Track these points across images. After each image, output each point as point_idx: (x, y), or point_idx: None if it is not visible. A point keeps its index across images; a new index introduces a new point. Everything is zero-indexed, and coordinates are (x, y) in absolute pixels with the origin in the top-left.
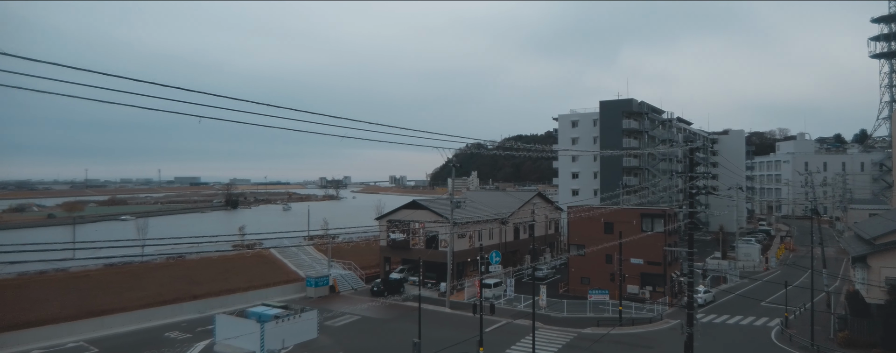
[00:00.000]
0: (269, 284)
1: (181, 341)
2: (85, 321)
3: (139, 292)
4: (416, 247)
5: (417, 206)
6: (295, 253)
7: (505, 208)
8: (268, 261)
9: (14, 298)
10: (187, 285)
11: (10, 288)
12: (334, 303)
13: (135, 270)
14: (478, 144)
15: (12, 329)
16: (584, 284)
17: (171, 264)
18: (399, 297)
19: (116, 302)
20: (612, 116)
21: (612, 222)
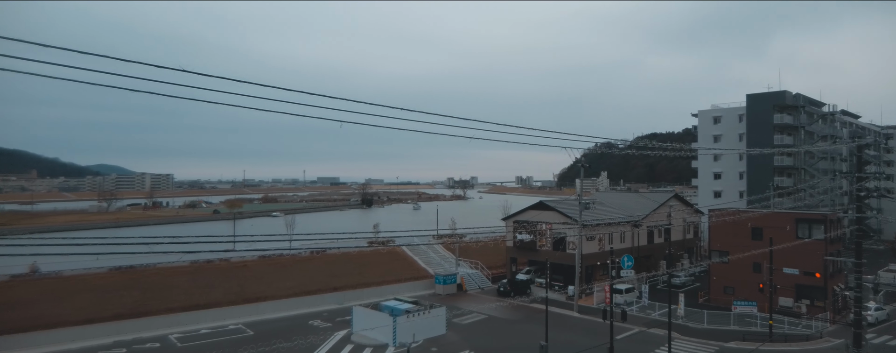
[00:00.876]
0: (401, 279)
1: (323, 329)
2: (242, 306)
3: (287, 283)
4: (543, 248)
5: (544, 207)
6: (424, 251)
7: (638, 210)
8: (399, 258)
9: (188, 283)
10: (328, 278)
11: (185, 274)
12: (461, 301)
13: (284, 262)
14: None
15: (187, 310)
16: (728, 294)
17: (314, 258)
18: (525, 298)
19: (268, 291)
20: (761, 110)
21: (762, 227)
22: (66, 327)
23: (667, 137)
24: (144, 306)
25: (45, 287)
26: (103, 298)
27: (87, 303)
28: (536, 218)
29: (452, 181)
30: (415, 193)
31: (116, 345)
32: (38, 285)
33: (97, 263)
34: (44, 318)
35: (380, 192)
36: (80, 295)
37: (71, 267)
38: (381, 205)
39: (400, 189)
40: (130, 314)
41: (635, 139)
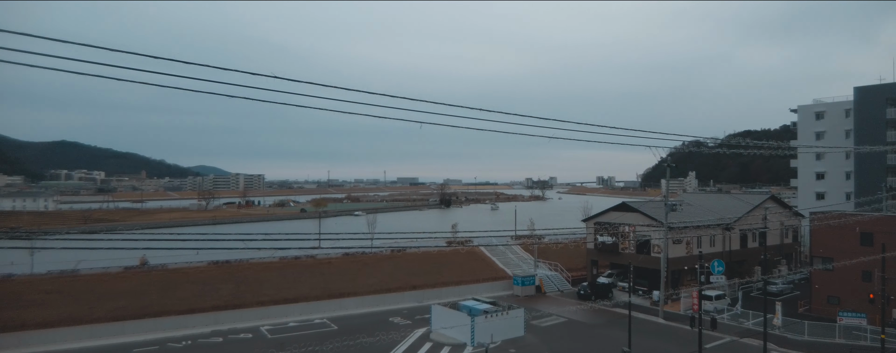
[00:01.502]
0: (479, 280)
1: (403, 326)
2: (327, 302)
3: (369, 280)
4: (626, 251)
5: (627, 208)
6: (502, 251)
7: (729, 212)
8: (477, 258)
9: (278, 278)
10: (408, 276)
11: (275, 269)
12: (540, 303)
13: (366, 259)
14: (696, 142)
15: (277, 304)
16: (832, 304)
17: (394, 257)
18: (607, 302)
19: (351, 287)
20: (873, 104)
21: (872, 233)
22: (170, 316)
23: (762, 134)
24: (239, 298)
25: (153, 279)
26: (203, 290)
27: (188, 294)
28: (619, 220)
29: (531, 182)
30: (493, 193)
31: (214, 334)
32: (146, 277)
33: (197, 257)
34: (152, 307)
35: (458, 192)
36: (182, 287)
37: (175, 261)
38: (459, 205)
39: (478, 189)
40: (226, 306)
41: (727, 137)
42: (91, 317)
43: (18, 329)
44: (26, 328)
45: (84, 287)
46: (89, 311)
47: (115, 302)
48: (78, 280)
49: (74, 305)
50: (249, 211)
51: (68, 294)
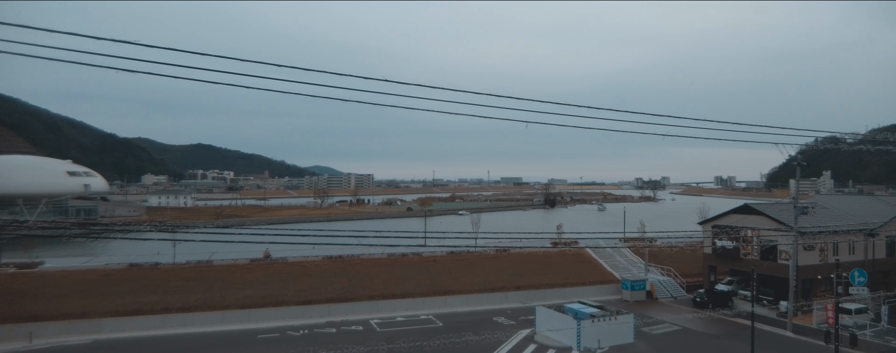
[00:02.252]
0: (585, 282)
1: (507, 326)
2: (432, 298)
3: (473, 279)
4: (749, 257)
5: (750, 210)
6: (610, 254)
7: (873, 216)
8: (584, 260)
9: (386, 274)
10: (512, 276)
11: (383, 265)
12: (651, 309)
13: (470, 258)
14: (832, 139)
15: (385, 298)
16: None
17: (498, 256)
18: (727, 311)
19: (455, 285)
20: None
21: None
22: (289, 306)
23: None
24: (350, 292)
25: (275, 271)
26: (318, 283)
27: (305, 286)
28: (740, 223)
29: (641, 182)
30: (599, 193)
31: (328, 325)
32: (269, 269)
33: (314, 252)
34: (273, 297)
35: (563, 192)
36: (300, 279)
37: (294, 254)
38: (564, 205)
39: (584, 189)
40: (339, 299)
41: (870, 132)
42: (223, 304)
43: (163, 312)
44: (170, 311)
45: (217, 276)
46: (221, 298)
47: (242, 291)
48: (212, 270)
49: (209, 292)
50: (360, 209)
51: (204, 282)
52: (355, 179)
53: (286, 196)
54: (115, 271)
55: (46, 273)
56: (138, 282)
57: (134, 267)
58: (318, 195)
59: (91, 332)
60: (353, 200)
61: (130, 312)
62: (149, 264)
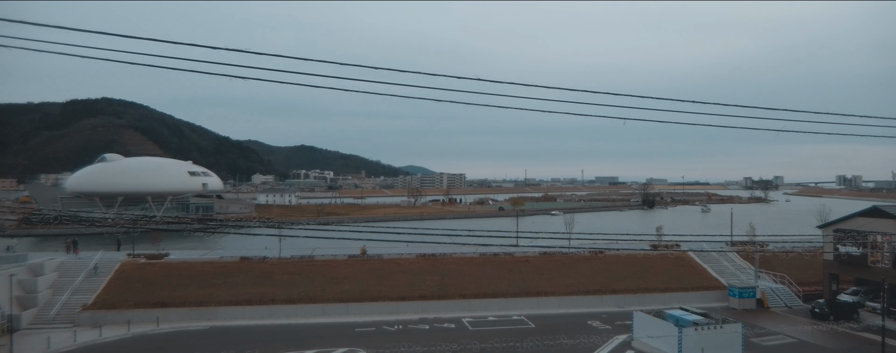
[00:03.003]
0: (687, 288)
1: (602, 331)
2: (524, 299)
3: (566, 280)
4: (878, 265)
5: (880, 213)
6: (715, 258)
7: None
8: (686, 264)
9: (478, 273)
10: (607, 279)
11: (475, 264)
12: (762, 319)
13: (563, 260)
14: None
15: (477, 297)
16: None
17: (592, 258)
18: (852, 325)
19: (548, 286)
20: None
21: None
22: (384, 301)
23: None
24: (443, 290)
25: (371, 267)
26: (412, 280)
27: (399, 283)
28: (868, 227)
29: (750, 181)
30: (703, 193)
31: (421, 322)
32: (366, 265)
33: (407, 249)
34: (370, 292)
35: (662, 192)
36: (394, 276)
37: (389, 252)
38: (663, 206)
39: (686, 189)
40: (432, 296)
41: None
42: (323, 297)
43: (270, 303)
44: (276, 302)
45: (318, 271)
46: (322, 292)
47: (341, 286)
48: (313, 265)
49: (310, 286)
50: (452, 208)
51: (306, 276)
52: (447, 178)
53: (381, 195)
54: (228, 264)
55: (171, 264)
56: (249, 274)
57: (245, 260)
58: (411, 194)
59: (208, 319)
60: (446, 199)
61: (242, 302)
62: (258, 258)
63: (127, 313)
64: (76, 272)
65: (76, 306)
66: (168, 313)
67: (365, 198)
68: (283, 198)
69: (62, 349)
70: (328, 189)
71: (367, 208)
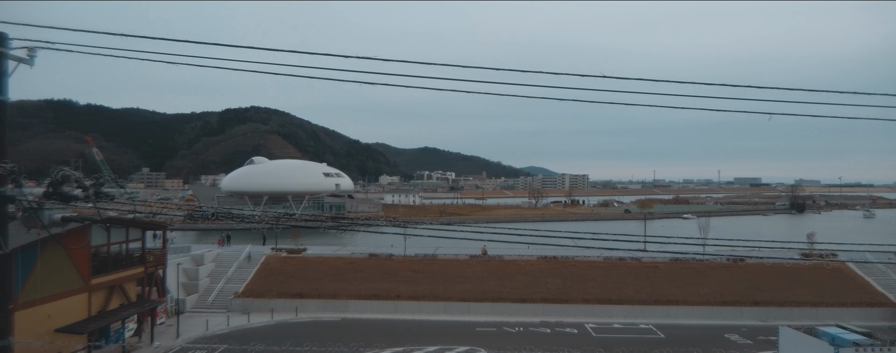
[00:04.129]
0: (845, 303)
1: (742, 345)
2: (652, 307)
3: (700, 289)
4: None
5: None
6: (882, 271)
7: None
8: (844, 276)
9: (602, 277)
10: (747, 290)
11: (598, 269)
12: None
13: (696, 267)
14: None
15: (601, 303)
16: None
17: (730, 266)
18: None
19: (679, 295)
20: None
21: None
22: (505, 302)
23: None
24: (564, 293)
25: (491, 268)
26: (533, 282)
27: (520, 285)
28: None
29: None
30: (866, 196)
31: (542, 325)
32: (486, 266)
33: (528, 251)
34: (490, 293)
35: (814, 194)
36: (515, 277)
37: (509, 253)
38: (815, 210)
39: (843, 191)
40: (553, 299)
41: None
42: (445, 295)
43: (396, 299)
44: (401, 298)
45: (440, 270)
46: (444, 290)
47: (462, 285)
48: (436, 264)
49: (433, 284)
50: (574, 210)
51: (429, 274)
52: (570, 179)
53: (502, 196)
54: (358, 260)
55: (308, 258)
56: (376, 270)
57: (373, 257)
58: (532, 195)
59: (340, 311)
60: (568, 200)
61: (370, 296)
62: (385, 255)
63: (271, 302)
64: (230, 263)
65: (229, 293)
66: (305, 303)
67: (485, 199)
68: (408, 198)
69: (218, 332)
70: (450, 190)
71: (487, 209)
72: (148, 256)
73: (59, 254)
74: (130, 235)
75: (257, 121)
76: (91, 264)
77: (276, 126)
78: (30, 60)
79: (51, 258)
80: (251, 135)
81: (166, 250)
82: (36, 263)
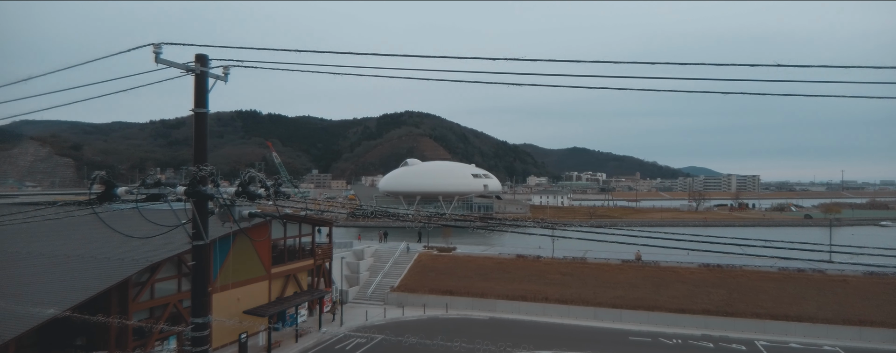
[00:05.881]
0: None
1: None
2: (840, 327)
3: None
4: None
5: None
6: None
7: None
8: None
9: (776, 290)
10: None
11: (772, 280)
12: None
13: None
14: None
15: (775, 319)
16: None
17: None
18: None
19: (876, 315)
20: None
21: None
22: (661, 311)
23: None
24: (731, 306)
25: (646, 274)
26: (693, 291)
27: (678, 294)
28: None
29: None
30: None
31: (704, 338)
32: (640, 271)
33: (687, 258)
34: (645, 301)
35: None
36: (672, 285)
37: (666, 259)
38: None
39: None
40: (717, 312)
41: None
42: (595, 301)
43: (543, 301)
44: (549, 301)
45: (590, 274)
46: (594, 295)
47: (614, 291)
48: (585, 267)
49: (583, 288)
50: (742, 214)
51: (578, 278)
52: (737, 180)
53: (658, 198)
54: (505, 260)
55: (458, 257)
56: (524, 271)
57: (520, 258)
58: (692, 198)
59: (488, 310)
60: (734, 203)
61: (518, 297)
62: (532, 257)
63: (423, 297)
64: (386, 258)
65: (386, 287)
66: (455, 301)
67: (639, 201)
68: (556, 199)
69: (376, 323)
70: (600, 191)
71: (641, 212)
72: (317, 249)
73: (247, 246)
74: (302, 230)
75: (411, 124)
76: (271, 255)
77: (428, 129)
78: (225, 77)
79: (240, 249)
80: (405, 138)
81: (332, 245)
82: (229, 253)
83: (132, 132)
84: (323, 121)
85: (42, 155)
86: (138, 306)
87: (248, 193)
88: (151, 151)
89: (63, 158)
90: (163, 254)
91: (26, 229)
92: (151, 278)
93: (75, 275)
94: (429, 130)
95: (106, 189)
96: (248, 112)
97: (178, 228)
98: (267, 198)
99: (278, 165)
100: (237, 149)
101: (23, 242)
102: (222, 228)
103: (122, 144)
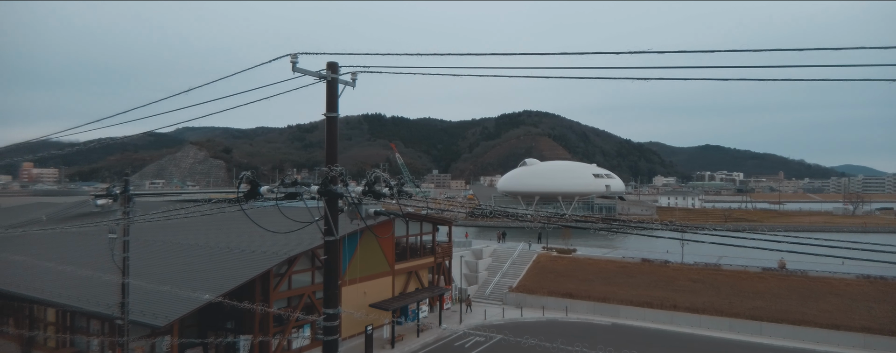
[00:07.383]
0: None
1: None
2: None
3: None
4: None
5: None
6: None
7: None
8: None
9: None
10: None
11: None
12: None
13: None
14: None
15: None
16: None
17: None
18: None
19: None
20: None
21: None
22: (810, 326)
23: None
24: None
25: (791, 284)
26: (849, 305)
27: (831, 307)
28: None
29: None
30: None
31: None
32: (784, 281)
33: (842, 267)
34: (790, 313)
35: None
36: (824, 298)
37: (816, 268)
38: None
39: None
40: (881, 330)
41: None
42: (731, 310)
43: (671, 309)
44: (677, 309)
45: (725, 281)
46: (729, 305)
47: (752, 301)
48: (719, 274)
49: (716, 296)
50: None
51: (711, 285)
52: None
53: (805, 200)
54: (629, 264)
55: (578, 259)
56: (650, 277)
57: (646, 262)
58: (848, 200)
59: (610, 315)
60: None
61: (642, 303)
62: (659, 261)
63: (541, 299)
64: (505, 258)
65: (504, 287)
66: (575, 304)
67: (783, 203)
68: (686, 201)
69: (494, 322)
70: (737, 192)
71: (785, 215)
72: (437, 248)
73: (372, 242)
74: (423, 228)
75: (529, 124)
76: (395, 252)
77: (547, 129)
78: (353, 82)
79: (366, 246)
80: (524, 138)
81: (452, 243)
82: (356, 248)
83: (273, 136)
84: (443, 122)
85: (200, 158)
86: (278, 295)
87: (374, 192)
88: (289, 153)
89: (216, 161)
90: (299, 248)
91: (190, 223)
92: (289, 269)
93: (227, 265)
94: (548, 129)
95: (252, 188)
96: (373, 115)
97: (312, 224)
98: (391, 197)
99: (401, 166)
100: (363, 150)
101: (187, 234)
102: (351, 224)
103: (264, 147)
